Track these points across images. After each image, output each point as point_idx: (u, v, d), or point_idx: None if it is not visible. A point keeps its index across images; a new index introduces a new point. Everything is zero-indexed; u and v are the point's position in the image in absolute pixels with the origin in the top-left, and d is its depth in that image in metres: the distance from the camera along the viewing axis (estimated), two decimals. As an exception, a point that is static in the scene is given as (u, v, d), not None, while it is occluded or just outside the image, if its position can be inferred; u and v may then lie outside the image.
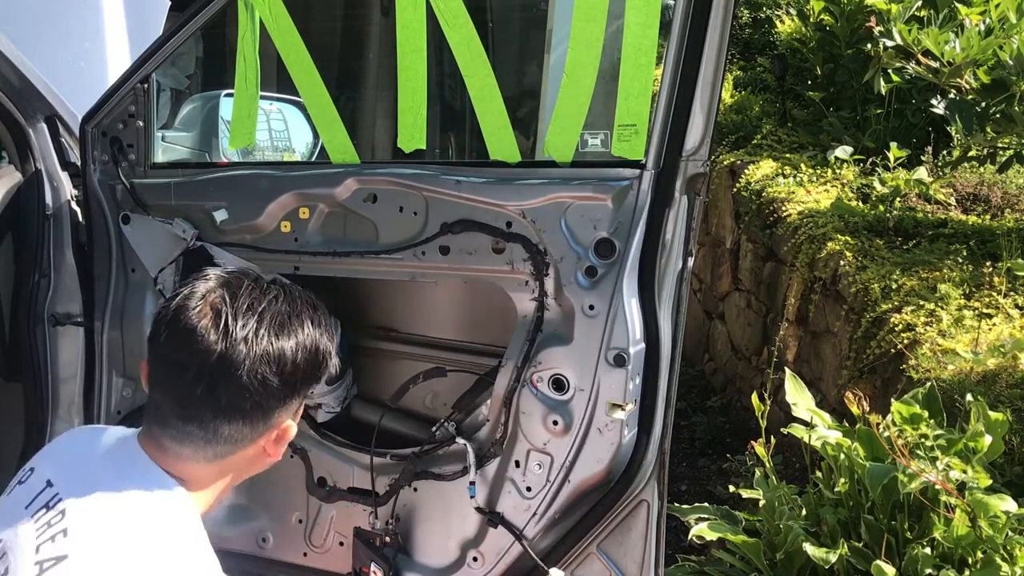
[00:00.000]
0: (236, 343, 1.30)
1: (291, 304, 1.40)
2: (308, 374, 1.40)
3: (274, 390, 1.34)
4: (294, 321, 1.38)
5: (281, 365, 1.34)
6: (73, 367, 2.40)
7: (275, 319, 1.35)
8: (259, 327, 1.33)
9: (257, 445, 1.39)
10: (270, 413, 1.37)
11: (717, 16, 1.64)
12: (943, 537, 2.27)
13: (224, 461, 1.38)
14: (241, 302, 1.34)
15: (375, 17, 4.66)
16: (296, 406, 1.43)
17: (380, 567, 2.03)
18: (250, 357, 1.31)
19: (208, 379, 1.31)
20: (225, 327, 1.31)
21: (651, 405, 1.81)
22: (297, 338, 1.37)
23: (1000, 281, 3.33)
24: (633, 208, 1.75)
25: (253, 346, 1.31)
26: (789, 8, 6.01)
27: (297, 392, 1.40)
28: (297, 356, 1.36)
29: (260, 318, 1.34)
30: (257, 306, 1.35)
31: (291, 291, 1.43)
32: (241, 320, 1.32)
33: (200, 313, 1.31)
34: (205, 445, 1.35)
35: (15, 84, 2.29)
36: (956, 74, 3.91)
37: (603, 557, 1.90)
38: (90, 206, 2.27)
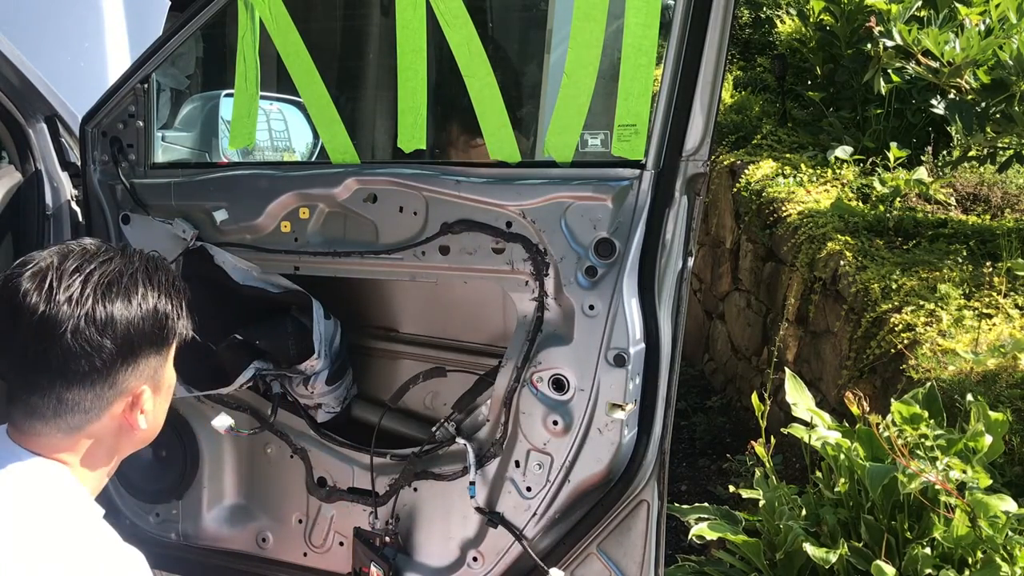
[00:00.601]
0: (59, 304, 1.29)
1: (125, 266, 1.37)
2: (148, 336, 1.36)
3: (109, 352, 1.31)
4: (126, 281, 1.35)
5: (111, 326, 1.31)
6: (73, 367, 2.40)
7: (103, 280, 1.33)
8: (84, 288, 1.31)
9: (113, 413, 1.36)
10: (112, 377, 1.33)
11: (717, 16, 1.64)
12: (943, 537, 2.27)
13: (83, 433, 1.35)
14: (68, 265, 1.33)
15: (375, 17, 4.66)
16: (148, 371, 1.38)
17: (380, 567, 2.03)
18: (74, 318, 1.29)
19: (35, 343, 1.29)
20: (49, 289, 1.30)
21: (651, 405, 1.81)
22: (130, 299, 1.34)
23: (1000, 281, 3.33)
24: (633, 208, 1.75)
25: (77, 307, 1.30)
26: (789, 8, 6.01)
27: (140, 355, 1.36)
28: (131, 316, 1.33)
29: (86, 279, 1.32)
30: (85, 268, 1.33)
31: (130, 254, 1.41)
32: (66, 282, 1.31)
33: (28, 278, 1.31)
34: (54, 417, 1.32)
35: (15, 84, 2.29)
36: (956, 74, 3.91)
37: (603, 557, 1.90)
38: (90, 206, 2.27)
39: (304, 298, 2.10)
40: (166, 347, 1.43)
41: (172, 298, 1.42)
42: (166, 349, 1.43)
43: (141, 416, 1.40)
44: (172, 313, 1.41)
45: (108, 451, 1.41)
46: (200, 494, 2.25)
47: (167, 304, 1.40)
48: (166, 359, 1.44)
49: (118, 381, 1.35)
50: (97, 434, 1.36)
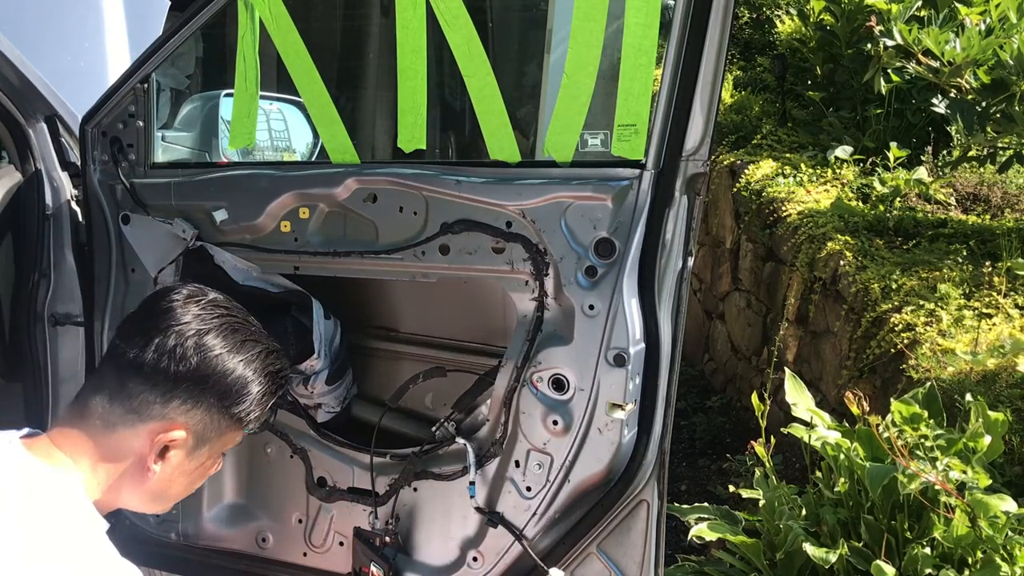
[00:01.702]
0: (188, 311, 1.46)
1: (258, 336, 1.53)
2: (223, 391, 1.45)
3: (187, 371, 1.41)
4: (247, 342, 1.49)
5: (206, 355, 1.42)
6: (73, 367, 2.40)
7: (235, 324, 1.48)
8: (214, 318, 1.46)
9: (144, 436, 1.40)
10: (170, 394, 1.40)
11: (717, 16, 1.64)
12: (943, 537, 2.27)
13: (114, 438, 1.39)
14: (222, 300, 1.51)
15: (375, 17, 4.66)
16: (197, 421, 1.43)
17: (380, 567, 2.03)
18: (187, 325, 1.43)
19: (149, 326, 1.44)
20: (192, 300, 1.48)
21: (651, 405, 1.81)
22: (236, 354, 1.46)
23: (1000, 281, 3.33)
24: (633, 208, 1.75)
25: (198, 323, 1.44)
26: (789, 8, 6.01)
27: (203, 399, 1.43)
28: (223, 364, 1.44)
29: (222, 316, 1.48)
30: (231, 312, 1.51)
31: (264, 334, 1.56)
32: (208, 301, 1.48)
33: (188, 287, 1.52)
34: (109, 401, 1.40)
35: (15, 84, 2.29)
36: (956, 74, 3.91)
37: (603, 557, 1.90)
38: (90, 206, 2.27)
39: (304, 298, 2.10)
40: (227, 417, 1.47)
41: (267, 388, 1.51)
42: (227, 420, 1.47)
43: (160, 463, 1.42)
44: (254, 397, 1.49)
45: (118, 481, 1.42)
46: (200, 494, 2.25)
47: (258, 387, 1.49)
48: (218, 433, 1.48)
49: (171, 402, 1.41)
50: (120, 451, 1.40)
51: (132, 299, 2.28)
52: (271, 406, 1.55)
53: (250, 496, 2.26)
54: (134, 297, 2.27)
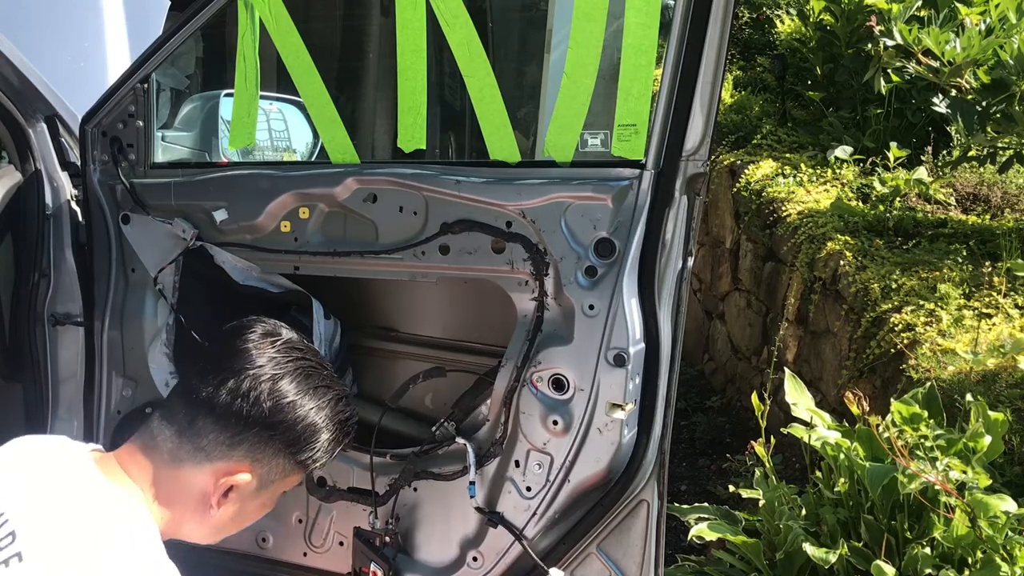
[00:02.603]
0: (264, 353, 1.46)
1: (331, 382, 1.53)
2: (292, 437, 1.45)
3: (258, 415, 1.41)
4: (320, 388, 1.50)
5: (279, 400, 1.42)
6: (73, 367, 2.40)
7: (310, 369, 1.49)
8: (290, 362, 1.47)
9: (209, 475, 1.40)
10: (240, 436, 1.41)
11: (717, 16, 1.64)
12: (943, 537, 2.27)
13: (180, 473, 1.40)
14: (298, 343, 1.53)
15: (375, 17, 4.67)
16: (264, 465, 1.44)
17: (380, 567, 2.03)
18: (262, 369, 1.43)
19: (224, 365, 1.44)
20: (269, 341, 1.49)
21: (651, 405, 1.81)
22: (309, 399, 1.47)
23: (1000, 281, 3.33)
24: (633, 208, 1.75)
25: (273, 367, 1.44)
26: (789, 8, 6.01)
27: (271, 444, 1.43)
28: (295, 410, 1.44)
29: (298, 360, 1.49)
30: (306, 356, 1.52)
31: (344, 384, 1.57)
32: (284, 348, 1.49)
33: (263, 324, 1.54)
34: (178, 437, 1.40)
35: (15, 84, 2.29)
36: (956, 74, 3.91)
37: (603, 557, 1.90)
38: (90, 206, 2.27)
39: (304, 298, 2.10)
40: (293, 462, 1.48)
41: (335, 435, 1.52)
42: (292, 465, 1.48)
43: (223, 503, 1.43)
44: (322, 444, 1.49)
45: (179, 514, 1.43)
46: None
47: (328, 434, 1.50)
48: (281, 476, 1.49)
49: (239, 445, 1.41)
50: (183, 485, 1.41)
51: (132, 299, 2.28)
52: (336, 452, 1.56)
53: (250, 496, 2.26)
54: (134, 297, 2.28)
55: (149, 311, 2.25)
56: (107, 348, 2.31)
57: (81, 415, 2.39)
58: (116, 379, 2.32)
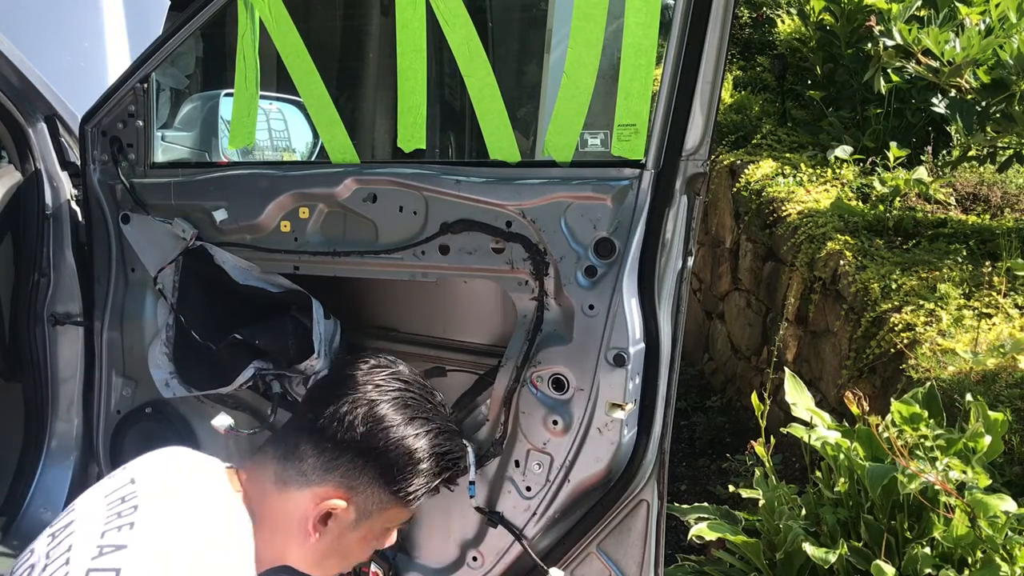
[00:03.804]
0: (367, 381, 1.47)
1: (433, 414, 1.52)
2: (386, 465, 1.43)
3: (352, 439, 1.41)
4: (419, 419, 1.48)
5: (375, 425, 1.42)
6: (73, 367, 2.40)
7: (407, 400, 1.49)
8: (392, 389, 1.48)
9: (309, 499, 1.40)
10: (335, 461, 1.40)
11: (717, 16, 1.64)
12: (943, 537, 2.27)
13: (285, 497, 1.40)
14: (405, 373, 1.54)
15: (375, 17, 4.67)
16: (359, 493, 1.42)
17: (380, 567, 2.03)
18: (363, 394, 1.44)
19: (328, 390, 1.48)
20: (374, 370, 1.50)
21: (651, 405, 1.81)
22: (407, 428, 1.45)
23: (1000, 281, 3.34)
24: (633, 208, 1.75)
25: (374, 392, 1.45)
26: (789, 8, 6.01)
27: (366, 470, 1.41)
28: (391, 437, 1.43)
29: (400, 389, 1.49)
30: (412, 387, 1.52)
31: (443, 415, 1.55)
32: (389, 377, 1.50)
33: (378, 357, 1.56)
34: (281, 461, 1.42)
35: (15, 84, 2.29)
36: (956, 73, 3.91)
37: (603, 557, 1.90)
38: (90, 206, 2.27)
39: (304, 298, 2.10)
40: (387, 494, 1.45)
41: (434, 468, 1.49)
42: (388, 496, 1.45)
43: (321, 530, 1.41)
44: (419, 475, 1.46)
45: (282, 539, 1.41)
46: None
47: (426, 465, 1.47)
48: (379, 508, 1.45)
49: (335, 469, 1.40)
50: (287, 509, 1.40)
51: (132, 299, 2.28)
52: (435, 488, 1.52)
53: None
54: (134, 297, 2.28)
55: (149, 311, 2.25)
56: (107, 348, 2.31)
57: (81, 415, 2.40)
58: (116, 379, 2.33)
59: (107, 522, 1.28)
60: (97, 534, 1.26)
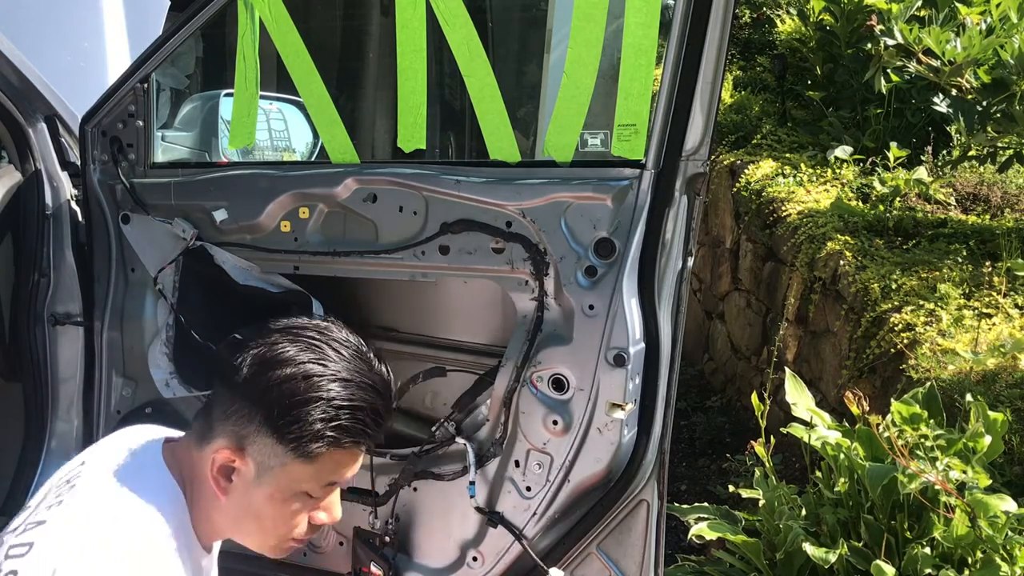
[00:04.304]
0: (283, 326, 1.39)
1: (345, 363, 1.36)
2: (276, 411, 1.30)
3: (245, 376, 1.32)
4: (331, 356, 1.34)
5: (271, 365, 1.31)
6: (73, 367, 2.40)
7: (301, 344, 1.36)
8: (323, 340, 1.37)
9: (217, 449, 1.34)
10: (237, 402, 1.32)
11: (717, 16, 1.64)
12: (943, 537, 2.27)
13: (201, 453, 1.36)
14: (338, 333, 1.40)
15: (375, 17, 4.66)
16: (251, 443, 1.31)
17: (380, 567, 2.03)
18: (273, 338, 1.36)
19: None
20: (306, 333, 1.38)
21: (651, 405, 1.81)
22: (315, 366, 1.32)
23: (1000, 281, 3.33)
24: (633, 208, 1.75)
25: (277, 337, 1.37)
26: (789, 8, 6.01)
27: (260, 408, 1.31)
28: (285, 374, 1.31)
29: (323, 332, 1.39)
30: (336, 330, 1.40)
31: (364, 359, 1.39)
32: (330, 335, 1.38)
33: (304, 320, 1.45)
34: (204, 416, 1.39)
35: (15, 84, 2.29)
36: (957, 73, 3.91)
37: (603, 557, 1.90)
38: (90, 206, 2.27)
39: (304, 298, 2.10)
40: (280, 442, 1.31)
41: (326, 413, 1.31)
42: (281, 445, 1.31)
43: (228, 488, 1.34)
44: (307, 420, 1.30)
45: (206, 502, 1.37)
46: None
47: (313, 409, 1.30)
48: (281, 462, 1.32)
49: (228, 419, 1.33)
50: (202, 470, 1.36)
51: (132, 299, 2.28)
52: (329, 438, 1.32)
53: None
54: (134, 297, 2.28)
55: (149, 311, 2.25)
56: (107, 348, 2.31)
57: (81, 415, 2.39)
58: (116, 379, 2.33)
59: (43, 501, 1.30)
60: (31, 512, 1.29)
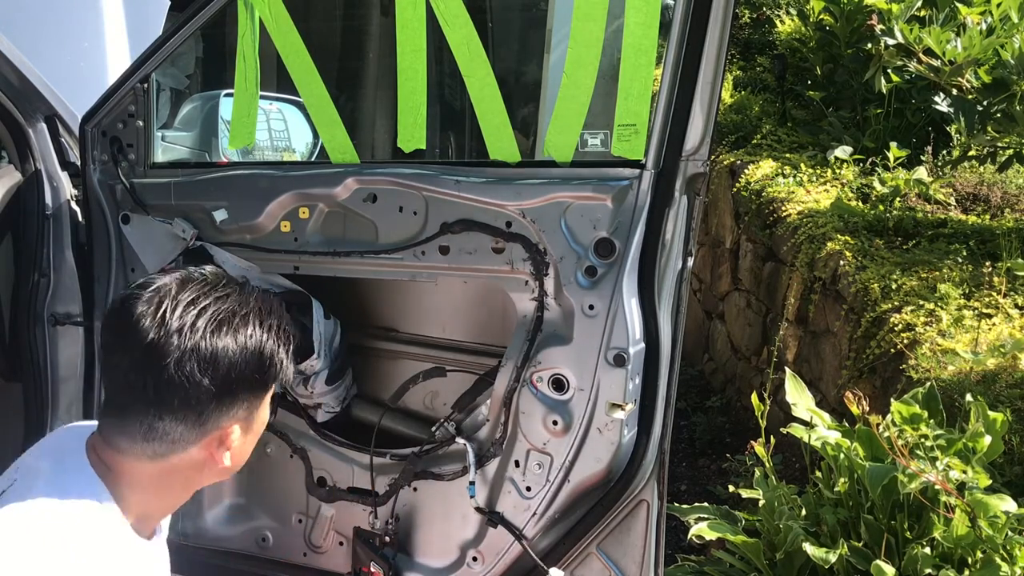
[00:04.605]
0: (169, 334, 1.28)
1: (241, 304, 1.37)
2: (248, 379, 1.35)
3: (207, 390, 1.30)
4: (238, 321, 1.34)
5: (214, 364, 1.30)
6: (73, 367, 2.40)
7: (216, 316, 1.33)
8: (196, 321, 1.30)
9: (200, 448, 1.35)
10: (205, 415, 1.33)
11: (717, 16, 1.64)
12: (943, 537, 2.27)
13: (166, 462, 1.34)
14: (186, 295, 1.33)
15: (375, 17, 4.66)
16: (241, 412, 1.37)
17: (380, 567, 2.03)
18: (180, 349, 1.28)
19: (138, 368, 1.29)
20: (161, 317, 1.29)
21: (651, 405, 1.81)
22: (237, 338, 1.33)
23: (1000, 281, 3.33)
24: (633, 208, 1.75)
25: (186, 339, 1.29)
26: (789, 8, 6.01)
27: (237, 396, 1.35)
28: (235, 357, 1.32)
29: (200, 313, 1.32)
30: (202, 301, 1.33)
31: (247, 292, 1.40)
32: (179, 311, 1.30)
33: (145, 302, 1.31)
34: (142, 441, 1.32)
35: (15, 84, 2.29)
36: (957, 73, 3.91)
37: (603, 557, 1.90)
38: (90, 206, 2.27)
39: (304, 298, 2.10)
40: (264, 390, 1.41)
41: (279, 343, 1.40)
42: (263, 392, 1.42)
43: (227, 453, 1.38)
44: (276, 358, 1.40)
45: (185, 482, 1.40)
46: (200, 493, 2.25)
47: (274, 349, 1.39)
48: (262, 401, 1.43)
49: (210, 419, 1.34)
50: (179, 465, 1.36)
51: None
52: (292, 351, 1.44)
53: (250, 496, 2.26)
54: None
55: (149, 311, 2.25)
56: (107, 348, 2.31)
57: (81, 415, 2.39)
58: (116, 379, 2.32)
59: None
60: None
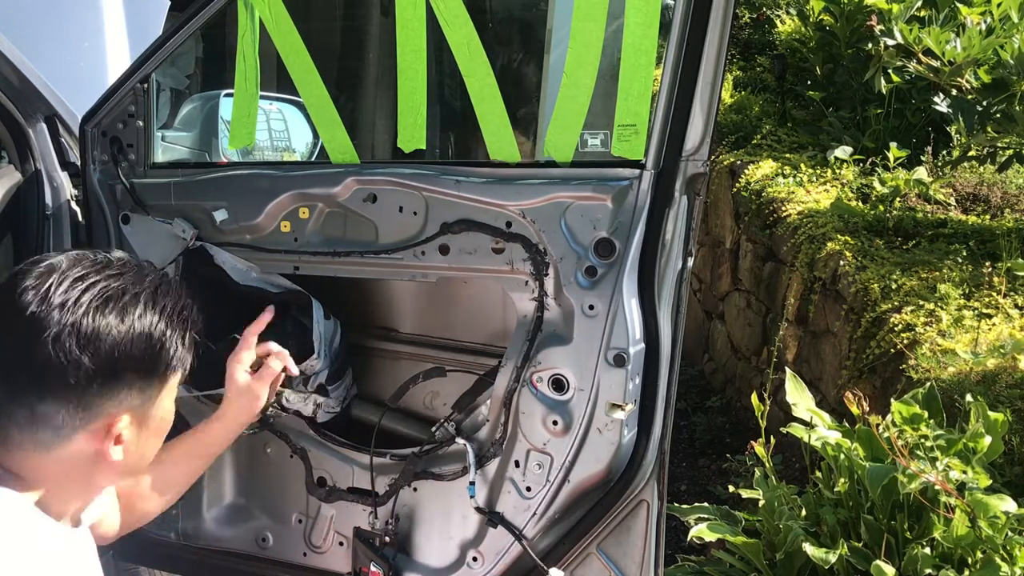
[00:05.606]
0: (51, 308, 1.22)
1: (133, 284, 1.29)
2: (135, 361, 1.27)
3: (86, 369, 1.23)
4: (127, 299, 1.27)
5: (94, 342, 1.23)
6: (73, 367, 2.40)
7: (103, 293, 1.26)
8: (80, 296, 1.24)
9: (87, 438, 1.27)
10: (86, 398, 1.24)
11: (717, 16, 1.64)
12: (943, 537, 2.27)
13: (57, 454, 1.27)
14: (75, 271, 1.26)
15: (375, 17, 4.66)
16: (131, 400, 1.28)
17: (380, 567, 2.03)
18: (59, 324, 1.22)
19: (18, 343, 1.23)
20: (46, 291, 1.23)
21: (651, 405, 1.81)
22: (124, 318, 1.26)
23: (1000, 281, 3.34)
24: (633, 208, 1.75)
25: (67, 314, 1.22)
26: (789, 8, 6.01)
27: (123, 380, 1.27)
28: (118, 337, 1.25)
29: (86, 289, 1.25)
30: (90, 277, 1.27)
31: (144, 273, 1.32)
32: (64, 286, 1.24)
33: (32, 276, 1.25)
34: (28, 427, 1.25)
35: (15, 84, 2.29)
36: (957, 73, 3.91)
37: (603, 557, 1.90)
38: (90, 206, 2.27)
39: (304, 298, 2.10)
40: (157, 379, 1.32)
41: (173, 327, 1.32)
42: (157, 381, 1.33)
43: (117, 447, 1.30)
44: (169, 343, 1.31)
45: (82, 480, 1.32)
46: (200, 494, 2.25)
47: (165, 332, 1.31)
48: (158, 392, 1.33)
49: (93, 404, 1.26)
50: (68, 458, 1.28)
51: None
52: (191, 339, 1.35)
53: (250, 496, 2.26)
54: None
55: (149, 311, 2.25)
56: (107, 348, 2.31)
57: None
58: (116, 379, 2.32)
59: None
60: None
